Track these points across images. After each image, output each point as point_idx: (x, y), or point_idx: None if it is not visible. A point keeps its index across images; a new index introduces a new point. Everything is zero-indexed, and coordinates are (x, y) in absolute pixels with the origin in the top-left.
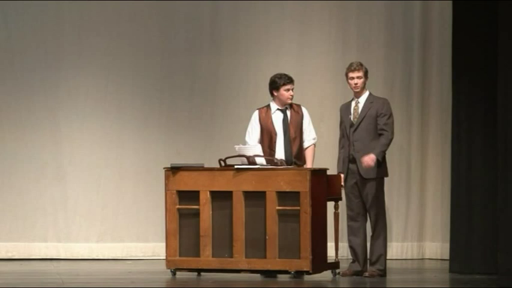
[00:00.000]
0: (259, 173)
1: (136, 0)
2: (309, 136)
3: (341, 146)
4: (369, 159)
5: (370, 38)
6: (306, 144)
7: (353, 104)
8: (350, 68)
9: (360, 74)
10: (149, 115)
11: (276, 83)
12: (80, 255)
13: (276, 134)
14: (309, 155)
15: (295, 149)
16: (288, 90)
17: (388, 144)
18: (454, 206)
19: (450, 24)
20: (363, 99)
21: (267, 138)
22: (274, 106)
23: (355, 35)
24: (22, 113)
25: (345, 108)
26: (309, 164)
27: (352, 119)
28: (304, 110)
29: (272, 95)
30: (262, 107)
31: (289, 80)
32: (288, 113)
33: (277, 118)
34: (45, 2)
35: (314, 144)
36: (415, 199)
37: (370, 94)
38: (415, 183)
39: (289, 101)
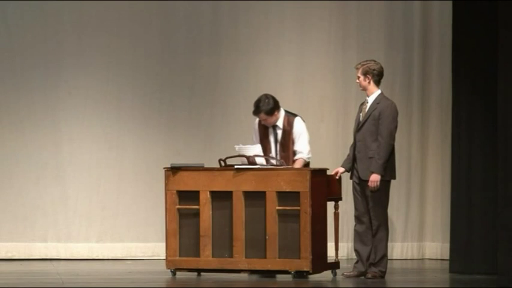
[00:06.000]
0: (259, 173)
1: (137, 0)
2: (299, 149)
3: (352, 143)
4: (372, 183)
5: (370, 38)
6: (295, 157)
7: (365, 103)
8: None
9: (358, 73)
10: (149, 115)
11: None
12: (80, 255)
13: (270, 148)
14: (296, 164)
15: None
16: (263, 119)
17: (386, 155)
18: (454, 206)
19: (450, 24)
20: (371, 99)
21: (263, 147)
22: None
23: (355, 35)
24: (22, 113)
25: (359, 106)
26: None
27: (360, 118)
28: (297, 124)
29: None
30: None
31: (256, 112)
32: (279, 132)
33: (271, 133)
34: (45, 2)
35: (304, 160)
36: (415, 199)
37: (380, 94)
38: (415, 183)
39: (270, 125)
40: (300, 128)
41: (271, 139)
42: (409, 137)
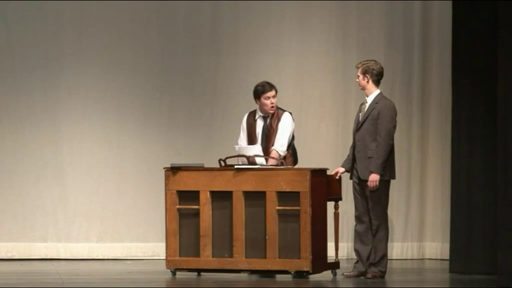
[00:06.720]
0: (259, 173)
1: (137, 0)
2: (276, 141)
3: (352, 143)
4: (371, 183)
5: (370, 38)
6: (272, 148)
7: (364, 103)
8: None
9: (357, 73)
10: (149, 115)
11: (257, 92)
12: (80, 255)
13: (257, 141)
14: (271, 157)
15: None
16: (267, 98)
17: (384, 154)
18: (454, 206)
19: (450, 24)
20: (370, 99)
21: (249, 143)
22: (258, 112)
23: (355, 35)
24: (22, 113)
25: (359, 106)
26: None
27: (360, 118)
28: (285, 117)
29: (256, 102)
30: (252, 111)
31: (269, 88)
32: (269, 121)
33: (259, 125)
34: (45, 2)
35: (277, 152)
36: (415, 199)
37: (379, 94)
38: (415, 183)
39: (271, 111)
40: (284, 122)
41: (260, 129)
42: (409, 137)
